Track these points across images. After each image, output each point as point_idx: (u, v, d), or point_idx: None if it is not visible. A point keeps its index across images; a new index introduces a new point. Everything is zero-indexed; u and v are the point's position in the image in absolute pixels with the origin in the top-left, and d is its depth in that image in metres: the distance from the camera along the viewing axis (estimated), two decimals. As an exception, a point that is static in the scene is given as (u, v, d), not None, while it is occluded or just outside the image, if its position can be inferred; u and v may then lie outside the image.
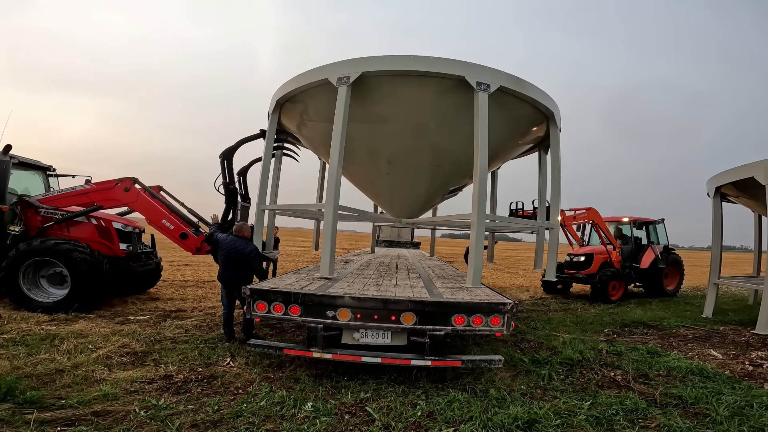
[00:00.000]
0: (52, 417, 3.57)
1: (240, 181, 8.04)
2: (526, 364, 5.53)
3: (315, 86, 6.23)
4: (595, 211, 12.87)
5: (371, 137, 6.76)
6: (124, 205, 8.22)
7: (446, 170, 7.40)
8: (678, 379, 5.21)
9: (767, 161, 8.37)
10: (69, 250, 7.24)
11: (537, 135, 7.54)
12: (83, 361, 4.87)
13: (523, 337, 7.18)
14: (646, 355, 6.29)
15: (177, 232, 7.71)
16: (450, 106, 6.07)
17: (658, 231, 14.61)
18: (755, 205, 10.80)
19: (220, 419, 3.70)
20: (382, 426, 3.72)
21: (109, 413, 3.70)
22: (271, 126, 7.23)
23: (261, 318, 4.89)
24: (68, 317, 6.89)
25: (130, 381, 4.42)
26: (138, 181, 7.99)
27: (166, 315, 7.65)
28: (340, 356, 4.60)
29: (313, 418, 3.80)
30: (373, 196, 9.13)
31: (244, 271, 6.18)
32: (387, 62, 5.70)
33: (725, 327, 8.82)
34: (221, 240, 6.30)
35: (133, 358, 5.20)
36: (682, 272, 14.86)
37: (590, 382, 5.05)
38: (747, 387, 4.90)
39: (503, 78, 5.86)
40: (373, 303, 4.59)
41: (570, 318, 9.29)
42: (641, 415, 4.10)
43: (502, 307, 4.55)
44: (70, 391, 4.10)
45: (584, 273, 12.83)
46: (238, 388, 4.44)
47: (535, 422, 3.82)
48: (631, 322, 9.12)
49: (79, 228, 8.01)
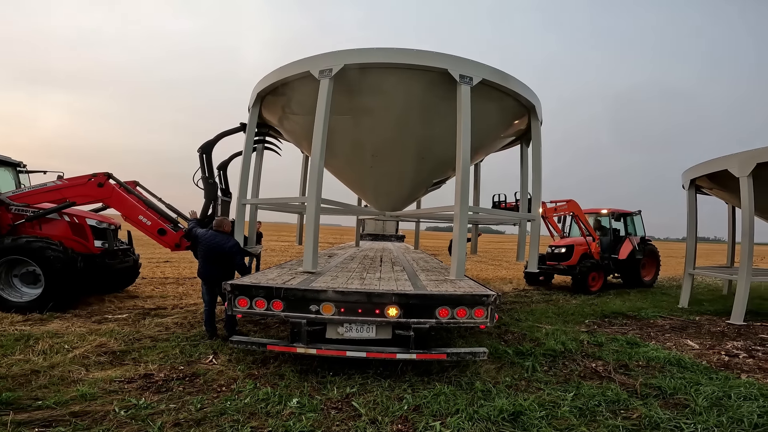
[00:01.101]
0: (29, 418, 3.48)
1: (221, 175, 7.89)
2: (510, 356, 5.58)
3: (297, 79, 6.15)
4: (575, 203, 13.06)
5: (355, 130, 6.70)
6: (98, 201, 8.00)
7: (430, 163, 7.40)
8: (657, 370, 5.31)
9: (740, 154, 8.59)
10: (41, 248, 7.03)
11: (519, 128, 7.59)
12: (59, 362, 4.75)
13: (507, 329, 7.25)
14: (626, 345, 6.40)
15: (155, 228, 7.53)
16: (433, 98, 6.04)
17: (636, 222, 14.93)
18: (729, 196, 11.09)
19: (204, 417, 3.63)
20: (369, 421, 3.69)
21: (87, 413, 3.61)
22: (252, 119, 7.12)
23: (243, 314, 4.80)
24: (43, 317, 6.71)
25: (109, 380, 4.32)
26: (112, 176, 7.77)
27: (145, 313, 7.48)
28: (324, 351, 4.55)
29: (299, 414, 3.76)
30: (356, 189, 9.09)
31: (225, 267, 6.03)
32: (370, 55, 5.64)
33: (701, 317, 9.05)
34: (201, 235, 6.15)
35: (112, 358, 5.08)
36: (659, 263, 15.20)
37: (573, 374, 5.11)
38: (724, 377, 5.00)
39: (486, 71, 5.87)
40: (356, 296, 4.55)
41: (552, 309, 9.42)
42: (623, 405, 4.16)
43: (486, 299, 4.57)
44: (46, 391, 4.00)
45: (565, 264, 13.02)
46: (221, 385, 4.36)
47: (520, 414, 3.84)
48: (611, 312, 9.29)
49: (51, 225, 7.77)
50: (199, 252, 6.16)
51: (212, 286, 5.99)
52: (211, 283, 5.99)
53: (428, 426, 3.63)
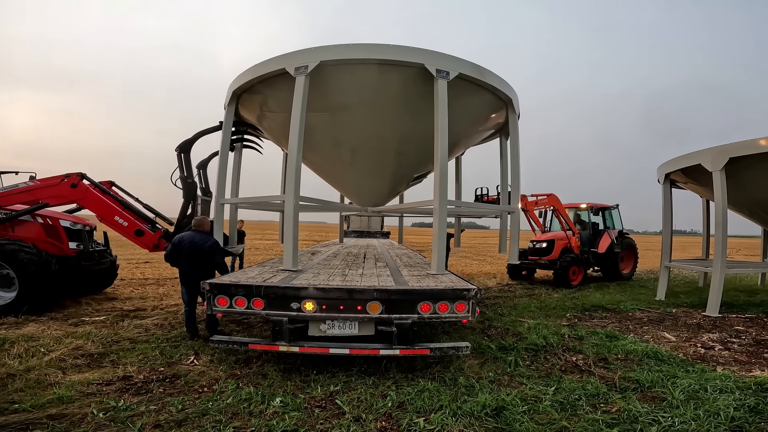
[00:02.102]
0: (5, 421, 3.42)
1: (200, 175, 7.77)
2: (493, 351, 5.62)
3: (272, 76, 6.10)
4: (556, 197, 13.21)
5: (333, 127, 6.67)
6: (72, 202, 7.81)
7: (410, 157, 7.40)
8: (635, 363, 5.39)
9: (713, 149, 8.80)
10: (14, 250, 6.84)
11: (497, 121, 7.66)
12: (35, 365, 4.65)
13: (490, 324, 7.31)
14: (605, 338, 6.49)
15: (131, 229, 7.39)
16: (411, 93, 6.05)
17: (614, 216, 15.18)
18: (703, 190, 11.34)
19: (185, 418, 3.58)
20: (353, 418, 3.68)
21: (65, 416, 3.56)
22: (228, 117, 7.04)
23: (223, 313, 4.74)
24: (18, 320, 6.56)
25: (86, 383, 4.25)
26: (86, 177, 7.59)
27: (124, 315, 7.34)
28: (307, 349, 4.53)
29: (282, 413, 3.73)
30: (337, 185, 9.05)
31: (205, 267, 5.89)
32: (346, 51, 5.62)
33: (677, 309, 9.23)
34: (182, 239, 5.93)
35: (89, 360, 4.98)
36: (636, 256, 15.47)
37: (554, 368, 5.17)
38: (700, 370, 5.09)
39: (463, 65, 5.90)
40: (338, 293, 4.54)
41: (534, 303, 9.52)
42: (602, 399, 4.22)
43: (467, 293, 4.59)
44: (23, 395, 3.93)
45: (546, 259, 13.20)
46: (203, 386, 4.31)
47: (503, 409, 3.87)
48: (591, 306, 9.43)
49: (24, 227, 7.56)
50: (182, 252, 5.90)
51: (192, 286, 5.84)
52: (190, 282, 5.86)
53: (412, 423, 3.64)
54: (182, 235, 6.01)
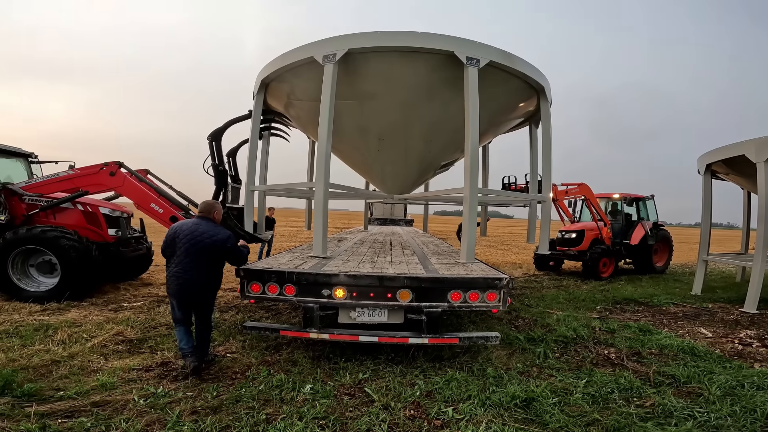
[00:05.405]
0: (51, 409, 3.51)
1: (230, 163, 7.89)
2: (521, 342, 5.57)
3: (300, 65, 6.10)
4: (587, 186, 12.87)
5: (360, 115, 6.66)
6: (110, 189, 8.04)
7: (437, 145, 7.34)
8: (670, 358, 5.27)
9: (758, 140, 8.37)
10: (56, 237, 7.10)
11: (527, 109, 7.49)
12: (78, 351, 4.80)
13: (517, 315, 7.24)
14: (638, 332, 6.35)
15: (167, 216, 7.57)
16: (439, 81, 5.97)
17: (648, 207, 14.72)
18: (745, 182, 10.88)
19: (220, 405, 3.67)
20: (382, 406, 3.72)
21: (108, 403, 3.65)
22: (257, 106, 7.10)
23: (256, 299, 4.85)
24: (60, 306, 6.79)
25: (127, 369, 4.37)
26: (124, 165, 7.80)
27: (159, 300, 7.57)
28: (337, 336, 4.57)
29: (313, 400, 3.80)
30: (364, 173, 9.07)
31: (210, 269, 4.34)
32: (374, 38, 5.56)
33: (714, 304, 8.93)
34: (181, 228, 4.36)
35: (129, 346, 5.13)
36: (671, 249, 15.01)
37: (585, 360, 5.10)
38: (738, 366, 4.96)
39: (493, 53, 5.77)
40: (368, 280, 4.55)
41: (563, 295, 9.37)
42: (636, 393, 4.15)
43: (498, 282, 4.55)
44: (67, 382, 4.04)
45: (575, 250, 12.92)
46: (236, 372, 4.41)
47: (533, 400, 3.85)
48: (623, 299, 9.22)
49: (65, 214, 7.85)
50: (178, 246, 4.29)
51: (188, 298, 4.30)
52: (186, 292, 4.26)
53: (441, 412, 3.66)
54: (182, 223, 4.51)
